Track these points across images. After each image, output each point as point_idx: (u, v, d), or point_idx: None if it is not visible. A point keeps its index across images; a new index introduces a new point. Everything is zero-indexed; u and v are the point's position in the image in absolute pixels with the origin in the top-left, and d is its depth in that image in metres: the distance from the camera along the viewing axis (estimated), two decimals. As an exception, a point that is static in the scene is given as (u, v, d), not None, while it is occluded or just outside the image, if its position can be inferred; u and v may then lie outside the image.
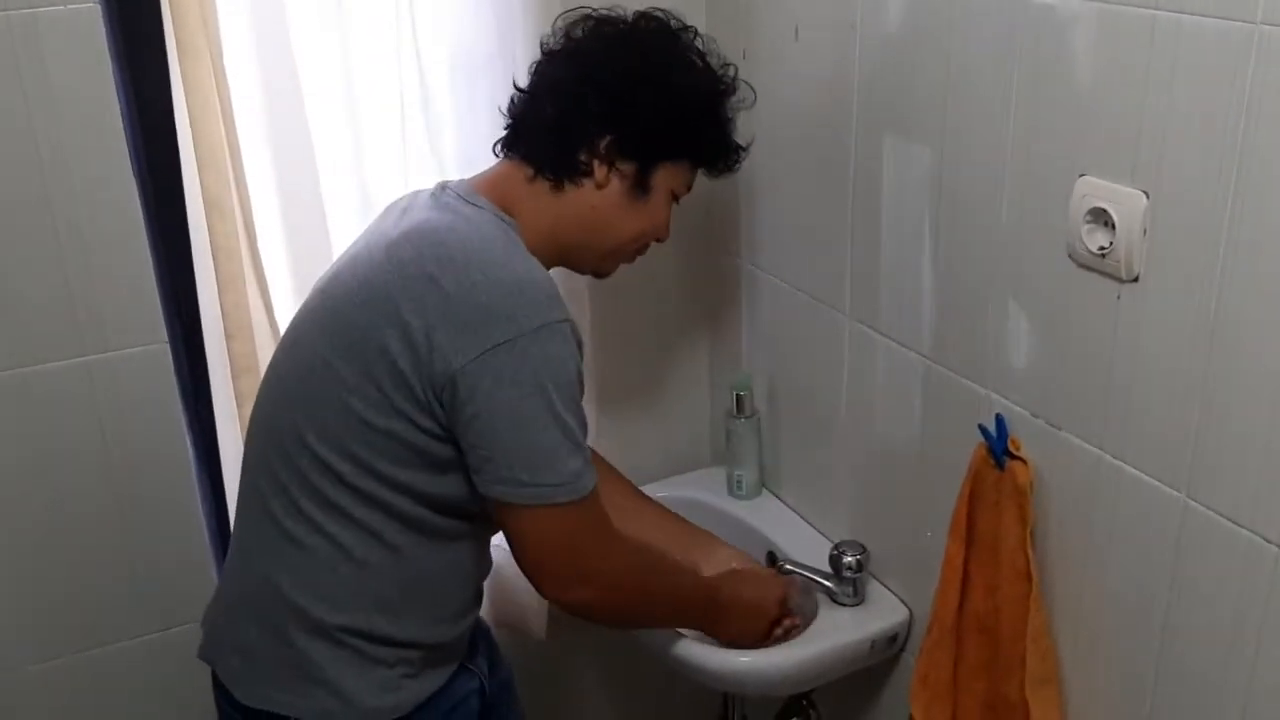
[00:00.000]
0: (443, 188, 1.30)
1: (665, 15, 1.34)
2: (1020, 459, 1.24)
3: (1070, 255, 1.14)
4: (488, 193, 1.28)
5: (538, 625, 1.74)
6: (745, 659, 1.50)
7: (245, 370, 1.51)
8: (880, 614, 1.54)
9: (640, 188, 1.30)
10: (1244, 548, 1.03)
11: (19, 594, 1.53)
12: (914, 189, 1.37)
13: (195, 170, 1.42)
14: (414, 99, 1.54)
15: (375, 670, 1.23)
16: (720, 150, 1.36)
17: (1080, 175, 1.11)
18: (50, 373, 1.46)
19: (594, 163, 1.27)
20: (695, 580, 1.46)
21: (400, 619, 1.23)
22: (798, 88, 1.55)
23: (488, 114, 1.40)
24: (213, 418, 1.55)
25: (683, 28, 1.33)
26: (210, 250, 1.46)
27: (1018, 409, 1.26)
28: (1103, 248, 1.10)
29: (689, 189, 1.38)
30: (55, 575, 1.54)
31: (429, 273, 1.16)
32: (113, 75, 1.39)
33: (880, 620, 1.53)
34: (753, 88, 1.39)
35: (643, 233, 1.34)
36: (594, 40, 1.30)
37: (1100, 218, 1.09)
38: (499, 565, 1.38)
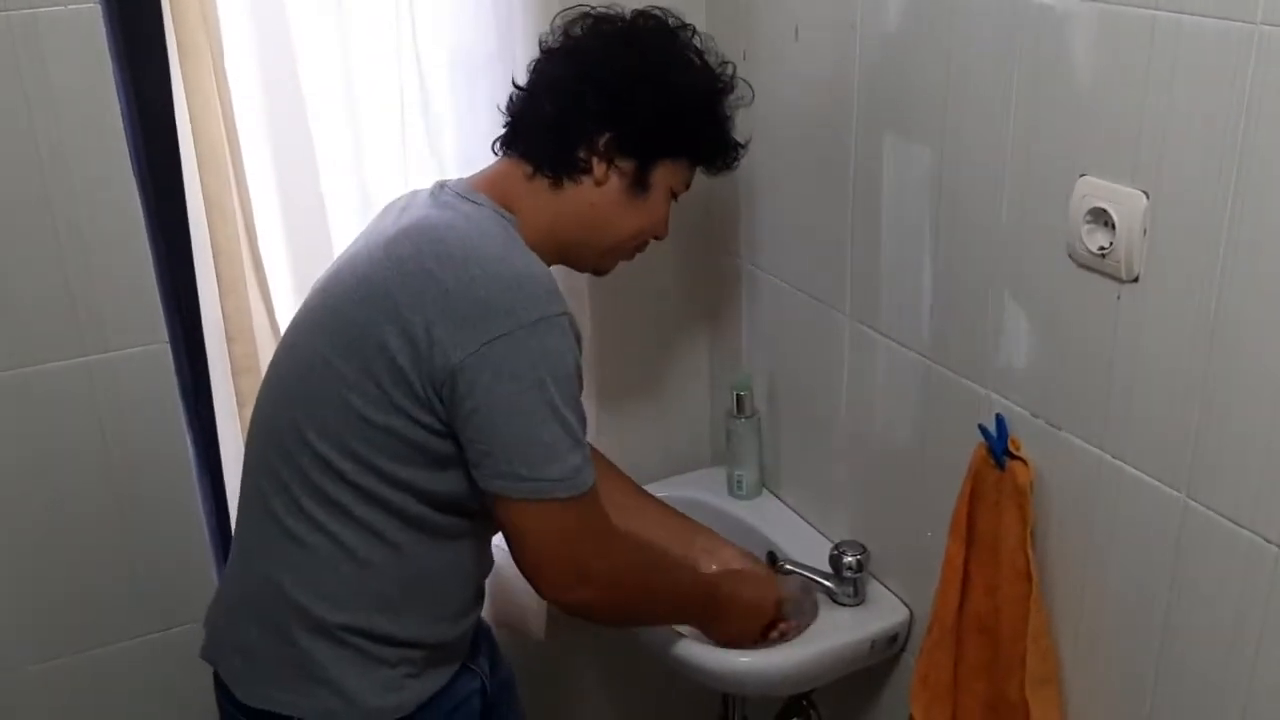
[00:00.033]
0: (441, 186, 1.30)
1: (663, 13, 1.34)
2: (1020, 459, 1.24)
3: (1070, 255, 1.14)
4: (487, 190, 1.28)
5: (537, 625, 1.74)
6: (745, 659, 1.50)
7: (246, 371, 1.51)
8: (880, 614, 1.54)
9: (639, 185, 1.30)
10: (1244, 548, 1.03)
11: (19, 594, 1.53)
12: (914, 189, 1.37)
13: (196, 170, 1.43)
14: (413, 99, 1.54)
15: (378, 670, 1.23)
16: (719, 148, 1.36)
17: (1080, 175, 1.11)
18: (50, 373, 1.46)
19: (593, 160, 1.27)
20: (695, 578, 1.46)
21: (402, 617, 1.23)
22: (798, 88, 1.55)
23: (487, 114, 1.40)
24: (213, 418, 1.55)
25: (681, 25, 1.33)
26: (211, 251, 1.46)
27: (1018, 409, 1.26)
28: (1103, 248, 1.10)
29: (687, 187, 1.37)
30: (55, 575, 1.54)
31: (427, 269, 1.16)
32: (113, 75, 1.39)
33: (880, 620, 1.53)
34: (751, 86, 1.39)
35: (641, 230, 1.34)
36: (592, 38, 1.30)
37: (1100, 218, 1.09)
38: (499, 565, 1.38)
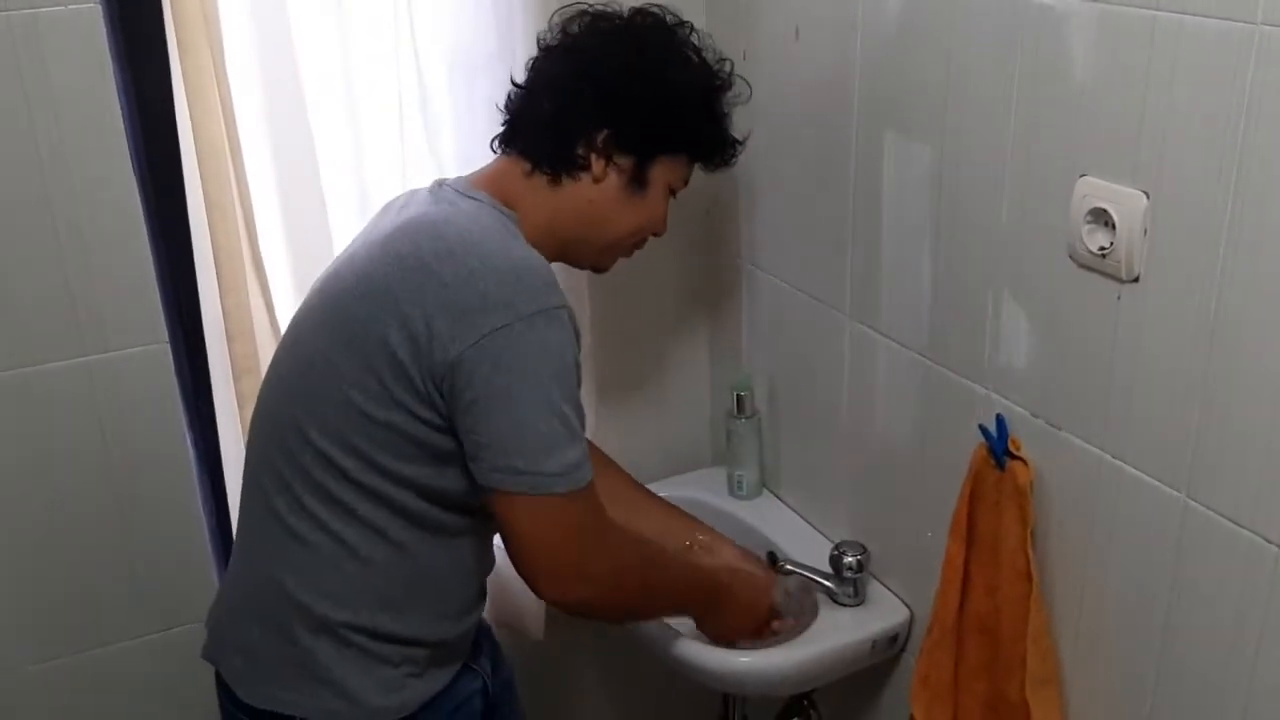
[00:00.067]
0: (440, 185, 1.30)
1: (661, 11, 1.34)
2: (1021, 459, 1.24)
3: (1070, 255, 1.14)
4: (486, 188, 1.28)
5: (535, 625, 1.74)
6: (746, 659, 1.50)
7: (246, 371, 1.51)
8: (881, 614, 1.54)
9: (637, 182, 1.30)
10: (1244, 548, 1.03)
11: (19, 594, 1.53)
12: (914, 189, 1.37)
13: (196, 170, 1.43)
14: (412, 98, 1.54)
15: (380, 669, 1.23)
16: (717, 145, 1.37)
17: (1081, 175, 1.11)
18: (50, 373, 1.46)
19: (591, 157, 1.27)
20: (692, 575, 1.46)
21: (404, 616, 1.23)
22: (798, 88, 1.55)
23: (487, 114, 1.40)
24: (213, 418, 1.55)
25: (679, 23, 1.34)
26: (211, 251, 1.46)
27: (1018, 409, 1.26)
28: (1103, 248, 1.09)
29: (686, 183, 1.38)
30: (55, 575, 1.54)
31: (426, 263, 1.16)
32: (113, 75, 1.39)
33: (881, 620, 1.53)
34: (749, 83, 1.39)
35: (640, 227, 1.34)
36: (590, 36, 1.31)
37: (1100, 218, 1.09)
38: (498, 566, 1.38)
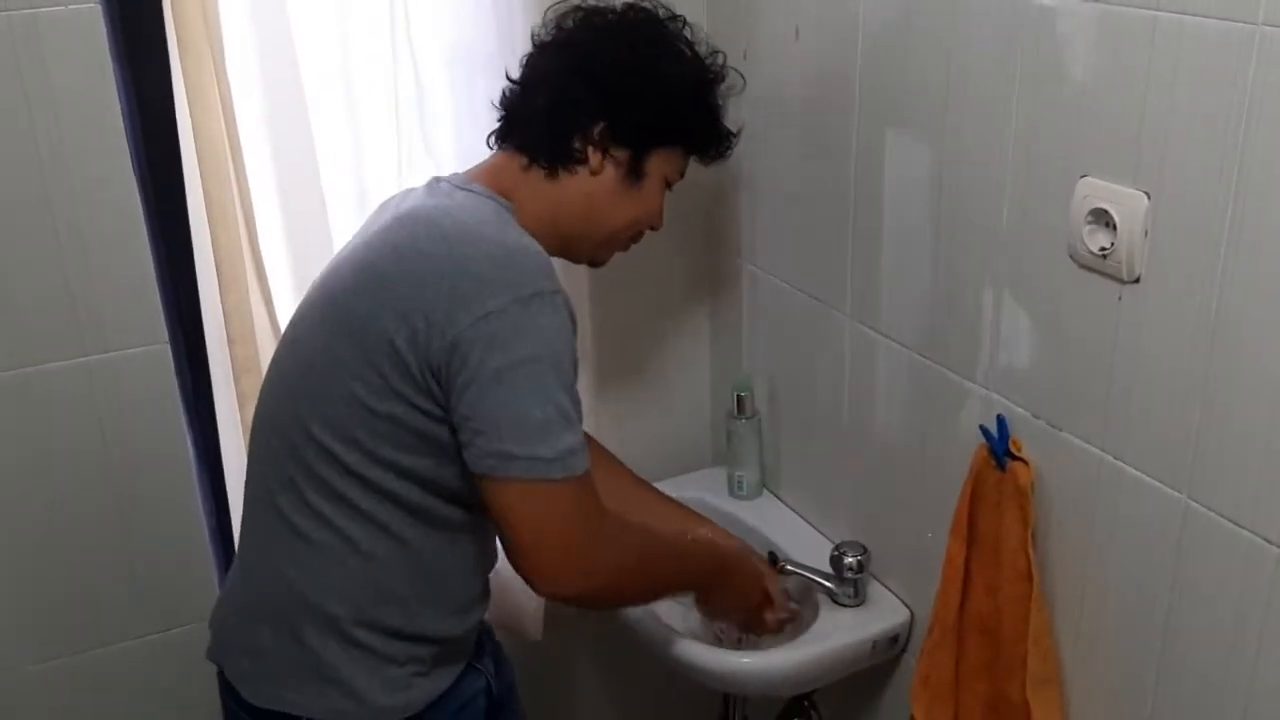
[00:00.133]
0: (436, 180, 1.30)
1: (653, 5, 1.34)
2: (1021, 460, 1.24)
3: (1071, 256, 1.14)
4: (482, 180, 1.29)
5: (534, 626, 1.74)
6: (746, 659, 1.50)
7: (247, 371, 1.51)
8: (881, 615, 1.54)
9: (634, 174, 1.31)
10: (1245, 549, 1.03)
11: (19, 594, 1.53)
12: (915, 189, 1.37)
13: (196, 170, 1.43)
14: (411, 98, 1.54)
15: (387, 669, 1.23)
16: (712, 137, 1.37)
17: (1081, 176, 1.11)
18: (50, 373, 1.46)
19: (588, 149, 1.28)
20: (690, 558, 1.44)
21: (409, 611, 1.23)
22: (798, 87, 1.55)
23: (487, 113, 1.40)
24: (213, 418, 1.55)
25: (671, 16, 1.34)
26: (211, 251, 1.46)
27: (1019, 410, 1.26)
28: (1104, 249, 1.09)
29: (681, 176, 1.38)
30: (55, 575, 1.54)
31: (423, 252, 1.16)
32: (114, 75, 1.38)
33: (881, 621, 1.53)
34: (742, 75, 1.39)
35: (637, 219, 1.35)
36: (584, 30, 1.31)
37: (1101, 218, 1.09)
38: (496, 566, 1.38)
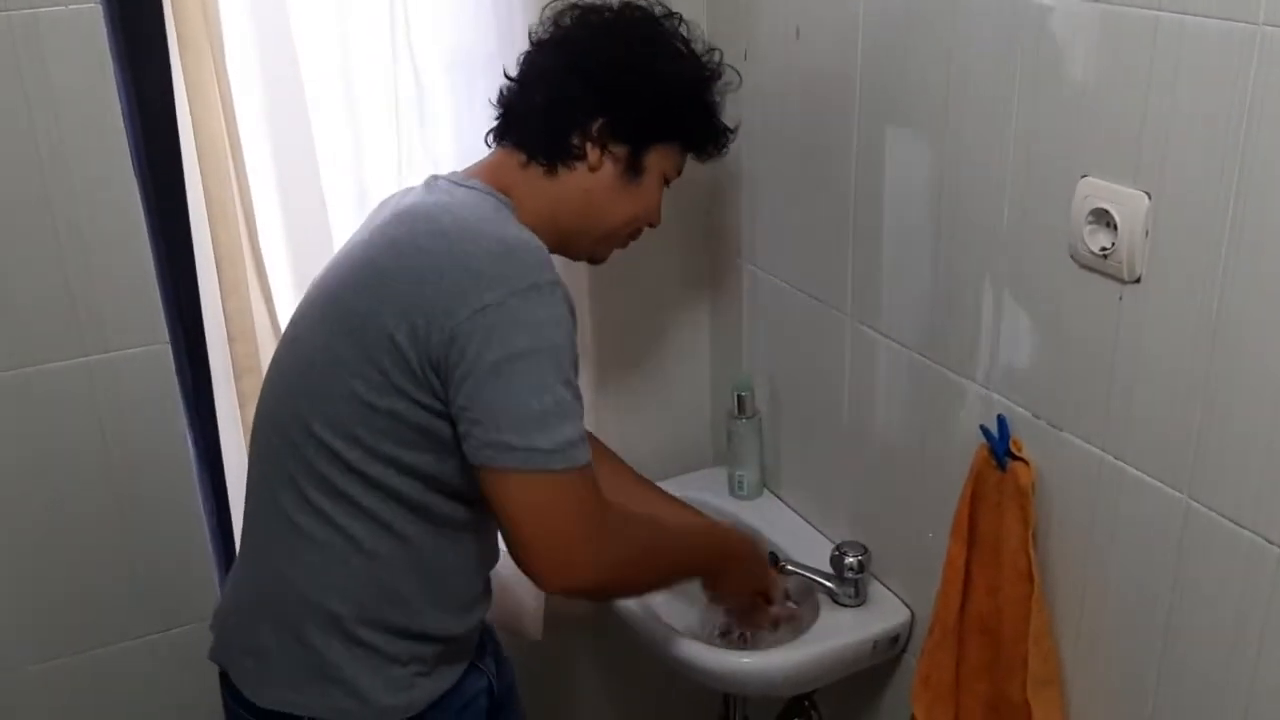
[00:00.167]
0: (434, 179, 1.31)
1: (649, 3, 1.35)
2: (1022, 460, 1.24)
3: (1072, 256, 1.14)
4: (481, 178, 1.29)
5: (534, 626, 1.74)
6: (747, 659, 1.50)
7: (247, 371, 1.51)
8: (882, 615, 1.54)
9: (633, 170, 1.31)
10: (1246, 549, 1.03)
11: (19, 594, 1.53)
12: (915, 189, 1.37)
13: (197, 170, 1.42)
14: (411, 98, 1.54)
15: (390, 668, 1.23)
16: (709, 134, 1.38)
17: (1082, 176, 1.11)
18: (51, 373, 1.46)
19: (587, 146, 1.28)
20: (693, 544, 1.44)
21: (410, 609, 1.23)
22: (799, 87, 1.55)
23: (486, 114, 1.40)
24: (214, 418, 1.55)
25: (667, 14, 1.35)
26: (212, 251, 1.46)
27: (1020, 410, 1.26)
28: (1105, 249, 1.09)
29: (679, 172, 1.39)
30: (55, 575, 1.54)
31: (421, 246, 1.17)
32: (114, 75, 1.38)
33: (882, 621, 1.53)
34: (738, 72, 1.39)
35: (636, 216, 1.35)
36: (581, 28, 1.32)
37: (1102, 218, 1.09)
38: (495, 567, 1.38)
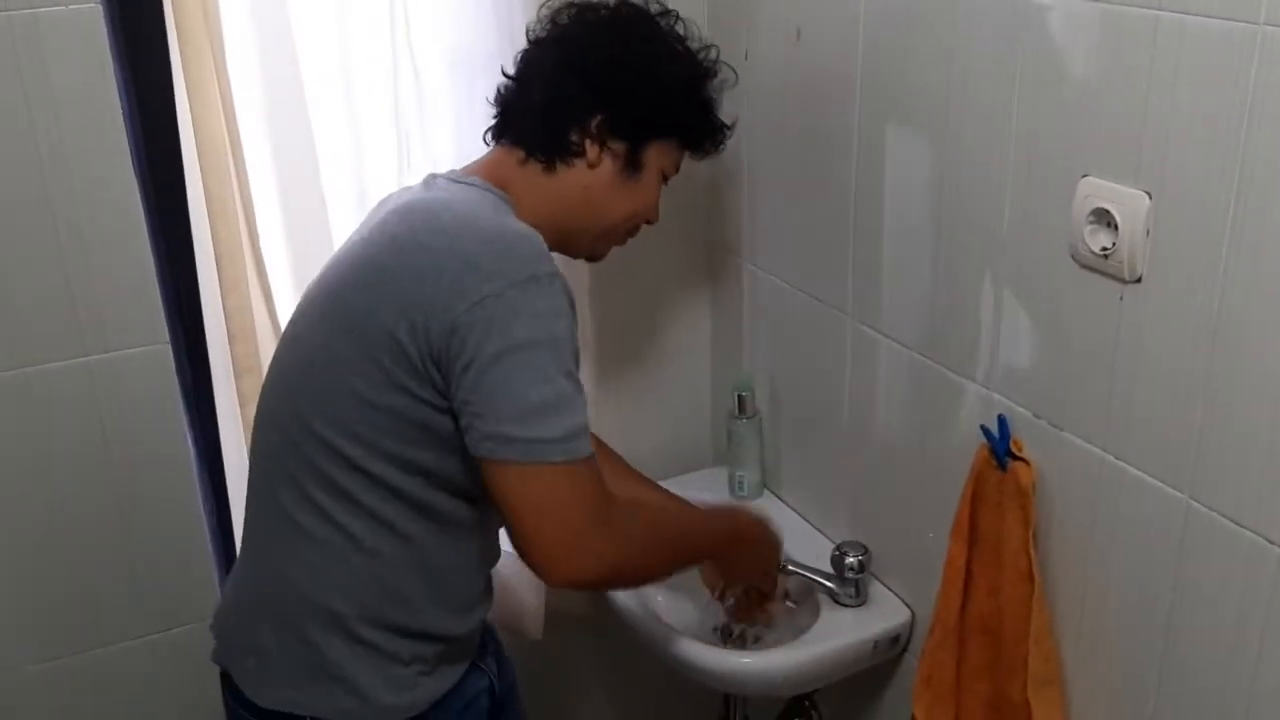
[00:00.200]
0: (432, 177, 1.31)
1: (645, 1, 1.35)
2: (1023, 460, 1.24)
3: (1073, 256, 1.14)
4: (480, 175, 1.29)
5: (534, 625, 1.73)
6: (747, 659, 1.50)
7: (247, 371, 1.51)
8: (882, 615, 1.54)
9: (632, 166, 1.31)
10: (1247, 549, 1.03)
11: (19, 594, 1.53)
12: (916, 189, 1.36)
13: (197, 169, 1.42)
14: (410, 97, 1.54)
15: (391, 668, 1.23)
16: (707, 131, 1.38)
17: (1083, 176, 1.11)
18: (51, 373, 1.46)
19: (585, 142, 1.28)
20: (700, 528, 1.43)
21: (412, 608, 1.23)
22: (799, 88, 1.55)
23: (486, 114, 1.40)
24: (214, 418, 1.55)
25: (663, 12, 1.35)
26: (212, 251, 1.46)
27: (1020, 410, 1.26)
28: (1105, 248, 1.09)
29: (677, 169, 1.39)
30: (55, 575, 1.54)
31: (420, 242, 1.17)
32: (114, 75, 1.38)
33: (882, 621, 1.53)
34: (734, 69, 1.40)
35: (635, 212, 1.35)
36: (578, 26, 1.32)
37: (1103, 218, 1.09)
38: (495, 566, 1.38)
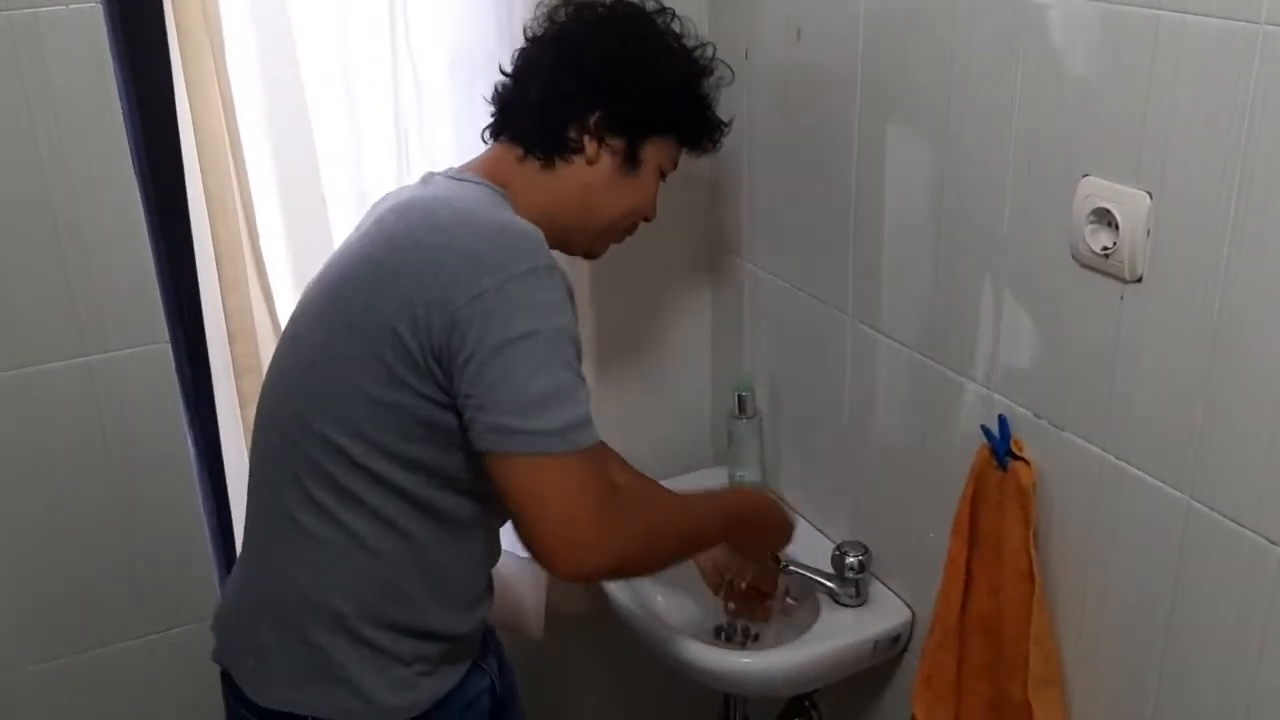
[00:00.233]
0: (431, 175, 1.31)
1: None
2: (1023, 460, 1.24)
3: (1073, 256, 1.14)
4: (478, 172, 1.29)
5: (535, 624, 1.73)
6: (747, 659, 1.50)
7: (247, 371, 1.51)
8: (883, 615, 1.54)
9: (630, 162, 1.31)
10: (1247, 549, 1.03)
11: (19, 594, 1.53)
12: (916, 189, 1.36)
13: (197, 169, 1.42)
14: (410, 97, 1.54)
15: (394, 668, 1.22)
16: (704, 127, 1.38)
17: (1083, 175, 1.11)
18: (51, 373, 1.46)
19: (584, 139, 1.28)
20: (711, 508, 1.41)
21: (415, 608, 1.23)
22: (800, 88, 1.55)
23: (485, 115, 1.40)
24: (214, 418, 1.55)
25: (659, 10, 1.35)
26: (212, 251, 1.46)
27: (1021, 409, 1.26)
28: (1106, 248, 1.09)
29: (675, 166, 1.39)
30: (55, 575, 1.54)
31: (419, 240, 1.17)
32: (114, 74, 1.38)
33: (883, 621, 1.53)
34: (730, 66, 1.40)
35: (633, 209, 1.35)
36: (575, 24, 1.32)
37: (1104, 218, 1.09)
38: (494, 566, 1.38)
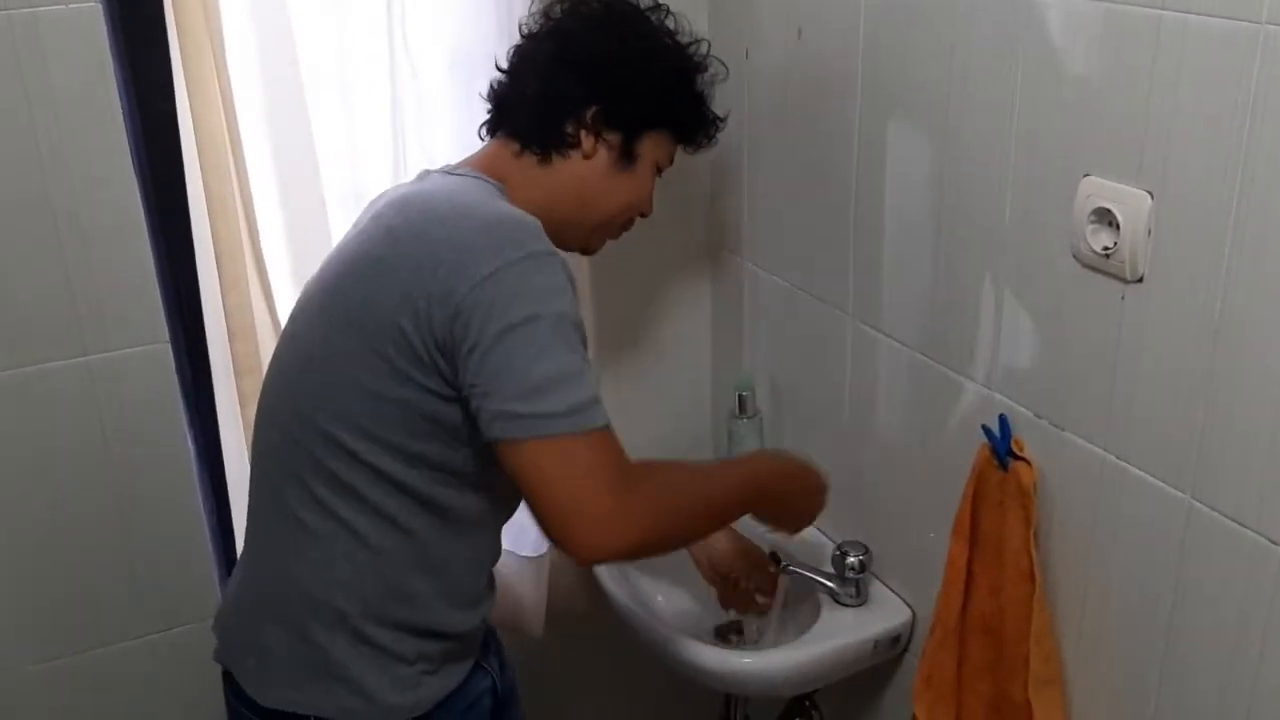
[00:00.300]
0: (427, 171, 1.31)
1: None
2: (1024, 459, 1.24)
3: (1074, 255, 1.14)
4: (474, 166, 1.30)
5: (535, 623, 1.73)
6: (747, 659, 1.50)
7: (248, 370, 1.51)
8: (883, 615, 1.54)
9: (627, 157, 1.32)
10: (1248, 549, 1.03)
11: (19, 594, 1.53)
12: (917, 188, 1.36)
13: (197, 168, 1.42)
14: (410, 96, 1.54)
15: (396, 667, 1.22)
16: (699, 123, 1.39)
17: (1085, 175, 1.11)
18: (51, 372, 1.46)
19: (581, 133, 1.29)
20: (734, 476, 1.35)
21: (417, 606, 1.22)
22: (800, 87, 1.55)
23: (484, 114, 1.40)
24: (214, 418, 1.55)
25: (654, 6, 1.36)
26: (213, 250, 1.46)
27: (1021, 409, 1.26)
28: (1107, 248, 1.09)
29: (671, 161, 1.40)
30: (55, 575, 1.54)
31: (417, 232, 1.17)
32: (114, 74, 1.38)
33: (883, 621, 1.53)
34: (724, 63, 1.40)
35: (629, 204, 1.36)
36: (571, 20, 1.33)
37: (1105, 218, 1.09)
38: (494, 566, 1.38)
